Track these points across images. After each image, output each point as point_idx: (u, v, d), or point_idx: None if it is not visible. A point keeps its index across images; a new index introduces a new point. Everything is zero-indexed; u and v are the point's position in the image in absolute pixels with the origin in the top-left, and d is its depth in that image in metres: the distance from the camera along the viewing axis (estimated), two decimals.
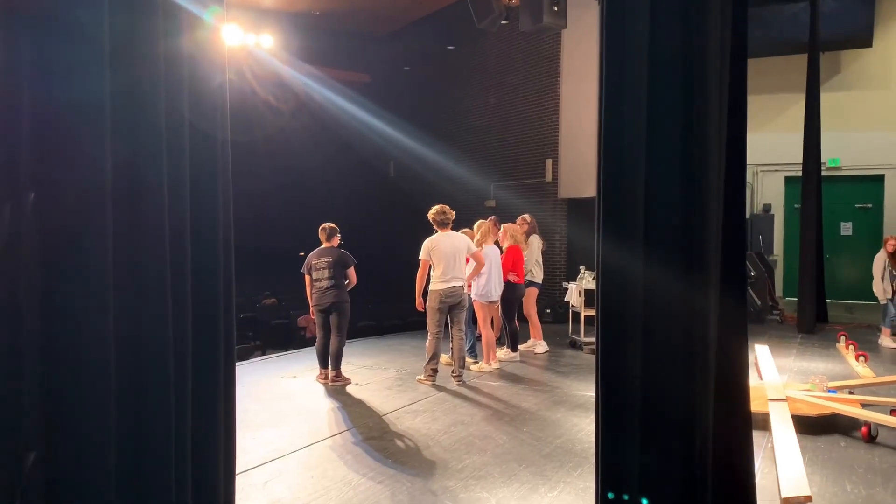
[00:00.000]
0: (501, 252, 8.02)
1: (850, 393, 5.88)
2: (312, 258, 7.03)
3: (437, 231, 7.00)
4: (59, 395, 2.02)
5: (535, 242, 8.72)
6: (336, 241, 7.16)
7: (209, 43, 2.59)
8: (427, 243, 6.92)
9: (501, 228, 8.30)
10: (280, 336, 11.11)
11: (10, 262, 1.92)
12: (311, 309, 7.11)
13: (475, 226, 7.83)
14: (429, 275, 7.02)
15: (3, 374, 1.92)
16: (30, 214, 1.95)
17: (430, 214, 7.04)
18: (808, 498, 3.78)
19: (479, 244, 7.58)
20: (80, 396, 2.07)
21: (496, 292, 7.68)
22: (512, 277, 7.97)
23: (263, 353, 10.01)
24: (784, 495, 3.82)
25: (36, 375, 1.96)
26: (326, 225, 7.18)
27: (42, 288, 1.97)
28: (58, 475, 2.01)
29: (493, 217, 8.48)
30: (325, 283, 6.93)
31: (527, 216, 8.99)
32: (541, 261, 8.76)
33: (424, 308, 7.01)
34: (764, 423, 5.07)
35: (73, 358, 2.06)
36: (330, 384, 6.91)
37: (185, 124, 2.43)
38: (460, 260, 6.96)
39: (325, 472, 4.49)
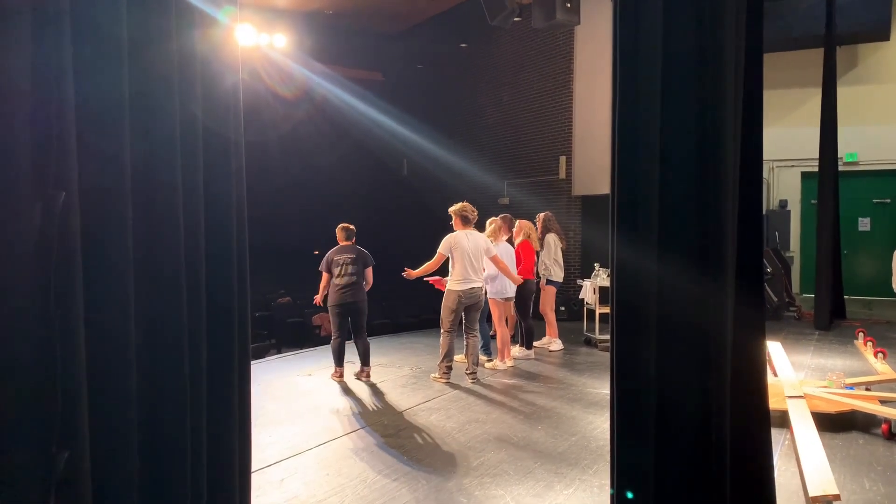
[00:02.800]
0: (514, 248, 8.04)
1: (867, 389, 5.82)
2: (333, 255, 7.02)
3: (457, 228, 6.97)
4: (81, 390, 2.05)
5: (552, 241, 8.70)
6: (352, 242, 7.19)
7: (223, 43, 2.60)
8: (449, 239, 6.87)
9: (517, 224, 8.28)
10: (295, 334, 11.16)
11: (39, 261, 1.95)
12: (331, 308, 7.11)
13: (487, 223, 7.82)
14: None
15: (34, 372, 1.95)
16: (57, 215, 1.98)
17: (455, 208, 7.00)
18: (837, 496, 3.74)
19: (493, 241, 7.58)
20: (101, 392, 2.10)
21: (511, 289, 7.68)
22: (525, 274, 7.98)
23: (279, 352, 10.06)
24: (812, 494, 3.78)
25: (61, 371, 1.99)
26: (347, 225, 7.20)
27: (65, 286, 2.00)
28: (81, 470, 2.04)
29: (504, 214, 8.46)
30: (346, 280, 6.93)
31: (540, 215, 8.97)
32: (560, 259, 8.74)
33: (419, 277, 7.05)
34: (780, 421, 5.03)
35: (94, 353, 2.09)
36: (364, 379, 7.02)
37: (198, 124, 2.45)
38: (480, 261, 6.95)
39: (340, 469, 4.51)
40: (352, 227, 7.20)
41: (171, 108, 2.33)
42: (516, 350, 8.16)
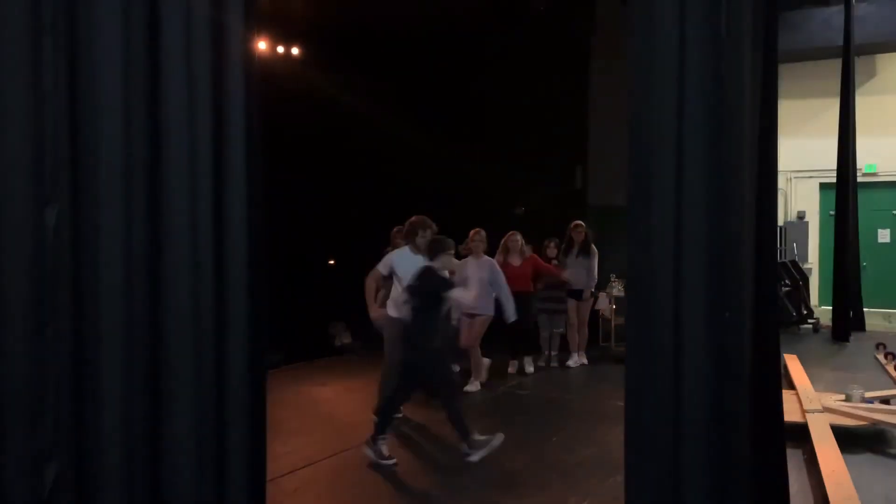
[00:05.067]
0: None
1: (887, 403, 5.73)
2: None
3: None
4: (80, 400, 2.06)
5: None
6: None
7: (239, 54, 2.61)
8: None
9: (508, 237, 7.78)
10: (310, 344, 11.16)
11: (35, 274, 1.97)
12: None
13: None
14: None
15: (32, 379, 1.96)
16: (51, 224, 2.00)
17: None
18: None
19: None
20: (98, 405, 2.12)
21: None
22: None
23: (291, 361, 10.07)
24: None
25: (61, 380, 2.01)
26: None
27: (66, 293, 2.02)
28: (81, 476, 2.05)
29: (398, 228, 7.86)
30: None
31: (581, 224, 8.50)
32: None
33: None
34: (797, 434, 4.97)
35: (94, 365, 2.10)
36: None
37: (213, 132, 2.46)
38: None
39: (355, 479, 4.50)
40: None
41: (185, 117, 2.35)
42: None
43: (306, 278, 13.36)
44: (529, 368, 7.91)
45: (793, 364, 7.11)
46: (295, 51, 12.67)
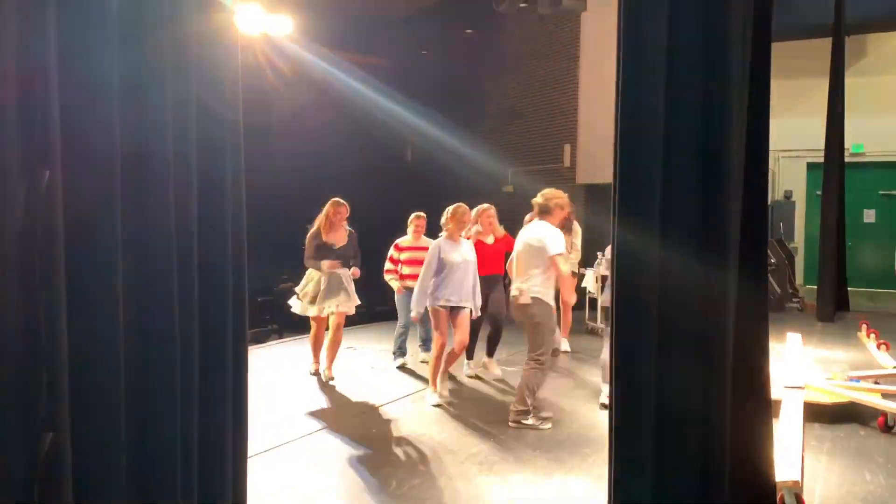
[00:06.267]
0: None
1: (876, 383, 5.79)
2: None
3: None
4: (65, 371, 2.05)
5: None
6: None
7: (222, 25, 2.57)
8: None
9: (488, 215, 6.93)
10: (297, 320, 11.13)
11: (24, 240, 1.95)
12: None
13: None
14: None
15: (19, 352, 1.95)
16: (44, 191, 1.98)
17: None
18: (797, 483, 3.74)
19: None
20: (86, 373, 2.12)
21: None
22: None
23: (280, 337, 10.06)
24: (777, 479, 3.80)
25: (47, 351, 1.99)
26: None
27: (50, 265, 2.00)
28: (64, 451, 2.05)
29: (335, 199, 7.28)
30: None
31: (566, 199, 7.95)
32: None
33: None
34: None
35: (79, 336, 2.09)
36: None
37: (193, 103, 2.43)
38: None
39: (338, 456, 4.50)
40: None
41: (167, 87, 2.32)
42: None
43: (301, 252, 13.28)
44: (497, 371, 6.87)
45: (794, 342, 7.21)
46: (286, 25, 12.49)
